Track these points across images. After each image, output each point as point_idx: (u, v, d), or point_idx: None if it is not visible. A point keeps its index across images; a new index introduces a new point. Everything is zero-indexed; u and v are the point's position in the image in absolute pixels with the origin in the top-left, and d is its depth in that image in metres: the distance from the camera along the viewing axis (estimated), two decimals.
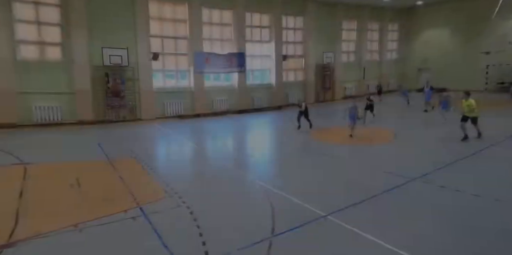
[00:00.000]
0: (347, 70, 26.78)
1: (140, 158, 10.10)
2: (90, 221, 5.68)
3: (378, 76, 29.43)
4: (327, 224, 5.67)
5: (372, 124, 14.98)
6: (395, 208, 6.28)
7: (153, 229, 5.49)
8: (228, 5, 20.06)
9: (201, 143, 13.29)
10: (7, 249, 4.80)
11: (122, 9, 16.80)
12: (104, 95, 16.59)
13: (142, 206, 6.42)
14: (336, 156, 10.17)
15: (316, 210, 6.11)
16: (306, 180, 8.14)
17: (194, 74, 19.05)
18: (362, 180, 7.98)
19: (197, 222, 5.77)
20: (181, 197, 6.93)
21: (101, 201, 6.69)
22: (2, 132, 13.85)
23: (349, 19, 26.87)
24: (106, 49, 16.10)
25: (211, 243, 5.04)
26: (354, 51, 27.90)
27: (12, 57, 14.59)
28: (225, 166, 9.47)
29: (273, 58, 22.44)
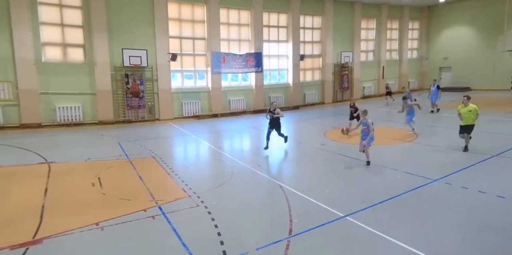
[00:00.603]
0: (365, 70, 26.43)
1: (158, 157, 10.25)
2: (111, 220, 5.79)
3: (397, 75, 28.97)
4: (346, 225, 5.60)
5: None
6: (415, 210, 6.14)
7: (172, 228, 5.55)
8: (246, 5, 20.11)
9: (218, 143, 13.35)
10: (33, 246, 4.95)
11: (141, 11, 17.09)
12: (124, 95, 16.92)
13: (161, 205, 6.50)
14: (354, 157, 10.03)
15: (334, 210, 6.04)
16: (323, 180, 8.06)
17: (212, 75, 19.18)
18: (381, 180, 7.85)
19: (215, 221, 5.80)
20: (199, 196, 6.99)
21: (121, 200, 6.81)
22: (28, 132, 14.32)
23: (367, 18, 26.50)
24: (126, 50, 16.40)
25: (229, 243, 5.05)
26: (372, 50, 27.49)
27: (37, 59, 15.05)
28: (242, 166, 9.48)
29: (290, 58, 22.36)
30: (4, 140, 12.51)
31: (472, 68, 26.65)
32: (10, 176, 8.38)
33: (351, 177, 8.33)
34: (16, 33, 14.44)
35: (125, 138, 13.19)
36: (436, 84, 17.25)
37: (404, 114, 12.74)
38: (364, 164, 9.04)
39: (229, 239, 5.15)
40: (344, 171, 8.84)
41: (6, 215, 6.08)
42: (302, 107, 22.48)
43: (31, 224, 5.63)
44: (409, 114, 12.54)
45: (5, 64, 14.47)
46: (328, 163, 9.70)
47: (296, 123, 17.40)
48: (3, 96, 14.65)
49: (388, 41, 28.20)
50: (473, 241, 4.94)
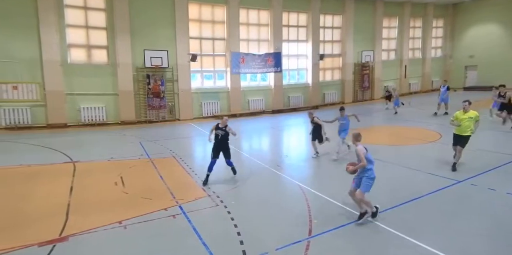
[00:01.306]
0: (387, 69, 25.94)
1: (178, 157, 10.39)
2: (133, 218, 5.91)
3: (420, 74, 28.31)
4: (367, 226, 5.52)
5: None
6: (440, 211, 5.99)
7: (192, 227, 5.61)
8: (266, 5, 20.12)
9: (237, 143, 13.40)
10: (60, 243, 5.11)
11: (163, 12, 17.36)
12: (145, 96, 17.23)
13: (182, 205, 6.59)
14: (375, 157, 9.83)
15: (355, 211, 5.96)
16: (343, 181, 7.93)
17: (231, 75, 19.28)
18: (403, 181, 7.70)
19: (234, 221, 5.83)
20: (219, 196, 7.04)
21: (143, 199, 6.94)
22: (54, 132, 14.81)
23: (389, 16, 25.99)
24: (147, 51, 16.70)
25: (249, 243, 5.06)
26: (394, 49, 26.94)
27: (63, 61, 15.53)
28: (261, 166, 9.48)
29: (309, 57, 22.20)
30: (32, 139, 12.97)
31: (499, 67, 25.67)
32: (38, 175, 8.68)
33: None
34: (44, 36, 14.95)
35: (147, 138, 13.44)
36: (447, 85, 16.42)
37: (356, 123, 10.89)
38: (386, 165, 8.83)
39: (248, 239, 5.17)
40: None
41: (34, 213, 6.31)
42: (321, 107, 22.28)
43: (57, 221, 5.82)
44: (344, 129, 10.14)
45: (33, 65, 15.01)
46: (347, 163, 9.56)
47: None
48: (31, 97, 15.19)
49: (410, 40, 27.56)
50: (501, 244, 4.78)
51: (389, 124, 15.37)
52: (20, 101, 15.00)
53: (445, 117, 15.57)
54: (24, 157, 10.33)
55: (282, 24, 20.86)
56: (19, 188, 7.68)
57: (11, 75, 14.51)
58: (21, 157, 10.38)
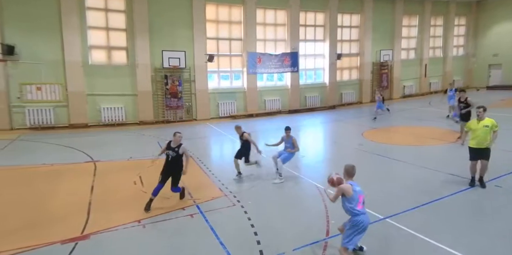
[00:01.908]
0: (406, 68, 25.44)
1: (196, 157, 10.47)
2: (151, 217, 6.01)
3: (441, 73, 27.66)
4: (386, 227, 5.44)
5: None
6: (462, 212, 5.84)
7: (210, 227, 5.65)
8: (283, 5, 20.06)
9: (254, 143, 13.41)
10: (82, 241, 5.24)
11: (181, 14, 17.55)
12: (163, 96, 17.47)
13: (199, 204, 6.64)
14: (394, 157, 9.70)
15: (373, 212, 5.88)
16: (361, 181, 7.77)
17: (248, 75, 19.33)
18: (423, 182, 7.54)
19: (251, 221, 5.84)
20: (236, 196, 7.07)
21: (161, 198, 7.02)
22: (76, 132, 15.19)
23: (409, 15, 25.48)
24: (165, 52, 16.92)
25: (266, 243, 5.06)
26: (414, 48, 26.40)
27: (84, 62, 15.92)
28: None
29: (326, 57, 22.02)
30: (55, 139, 13.35)
31: None
32: (60, 174, 8.92)
33: (391, 178, 8.07)
34: (66, 38, 15.37)
35: (164, 138, 13.58)
36: (454, 88, 15.78)
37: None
38: (405, 165, 8.67)
39: (265, 239, 5.17)
40: (383, 172, 8.58)
41: (57, 211, 6.49)
42: (338, 107, 22.06)
43: (79, 220, 5.97)
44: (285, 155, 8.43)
45: (56, 67, 15.44)
46: (366, 163, 9.44)
47: (332, 123, 17.12)
48: (54, 98, 15.64)
49: (431, 38, 26.94)
50: None
51: (408, 124, 15.07)
52: (44, 102, 15.47)
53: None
54: (47, 157, 10.63)
55: (299, 24, 20.75)
56: (43, 186, 7.92)
57: (36, 76, 14.97)
58: (44, 156, 10.69)
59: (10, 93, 14.98)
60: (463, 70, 28.92)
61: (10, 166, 9.64)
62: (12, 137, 13.55)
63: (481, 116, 6.98)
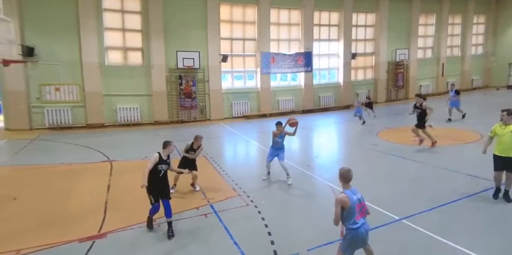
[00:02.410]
0: (422, 67, 24.99)
1: (209, 157, 10.54)
2: None
3: (459, 72, 27.06)
4: (402, 228, 5.37)
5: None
6: (482, 214, 5.71)
7: (224, 226, 5.67)
8: (297, 4, 19.98)
9: (268, 143, 13.37)
10: (99, 240, 5.34)
11: (195, 14, 17.67)
12: (177, 96, 17.63)
13: (213, 204, 6.68)
14: (410, 158, 9.54)
15: (388, 213, 5.82)
16: (376, 182, 7.76)
17: (261, 75, 19.32)
18: (441, 183, 7.41)
19: (265, 221, 5.84)
20: (249, 196, 7.08)
21: (175, 198, 7.08)
22: (93, 132, 15.48)
23: (426, 13, 25.01)
24: (180, 52, 17.06)
25: (280, 243, 5.06)
26: (431, 47, 25.90)
27: (101, 63, 16.20)
28: (291, 166, 9.42)
29: (341, 56, 21.82)
30: (73, 139, 13.63)
31: None
32: (78, 173, 9.09)
33: (407, 179, 7.94)
34: (84, 39, 15.66)
35: (178, 138, 13.68)
36: (455, 89, 15.02)
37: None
38: (423, 166, 8.51)
39: (279, 239, 5.16)
40: (399, 172, 8.45)
41: (75, 210, 6.62)
42: (353, 107, 21.81)
43: (96, 219, 6.08)
44: (279, 148, 8.27)
45: (74, 68, 15.75)
46: (381, 164, 9.34)
47: (346, 123, 16.95)
48: (71, 98, 15.97)
49: (449, 37, 26.39)
50: None
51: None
52: (62, 102, 15.80)
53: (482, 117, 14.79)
54: (65, 156, 10.85)
55: (313, 24, 20.63)
56: (61, 185, 8.08)
57: (54, 77, 15.29)
58: (63, 156, 10.92)
59: (30, 94, 15.37)
60: (482, 69, 28.23)
61: (30, 165, 9.89)
62: (32, 137, 13.90)
63: (505, 120, 6.27)
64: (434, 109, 11.07)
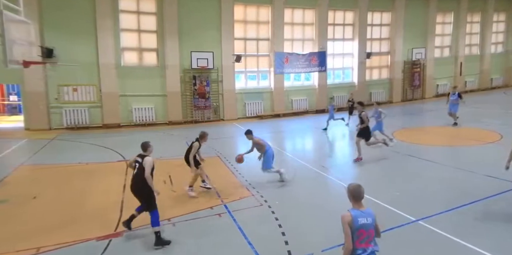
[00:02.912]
0: (440, 66, 24.50)
1: (223, 156, 10.59)
2: (181, 216, 6.13)
3: (478, 71, 26.43)
4: (418, 229, 5.29)
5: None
6: (502, 216, 5.55)
7: (238, 226, 5.69)
8: (311, 4, 19.87)
9: (281, 143, 13.38)
10: (115, 238, 5.43)
11: (209, 15, 17.77)
12: (191, 96, 17.76)
13: (227, 204, 6.71)
14: (427, 158, 9.37)
15: (405, 214, 5.74)
16: (392, 182, 7.66)
17: (275, 75, 19.29)
18: (458, 183, 7.27)
19: (279, 221, 5.83)
20: (263, 196, 7.08)
21: (190, 198, 7.15)
22: (109, 132, 15.74)
23: (444, 12, 24.52)
24: (194, 53, 17.19)
25: (294, 243, 5.04)
26: (449, 46, 25.38)
27: (117, 63, 16.47)
28: (304, 166, 9.39)
29: (355, 56, 21.60)
30: (90, 139, 13.89)
31: None
32: (95, 173, 9.26)
33: (424, 179, 7.81)
34: (100, 40, 15.96)
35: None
36: (457, 92, 13.91)
37: None
38: (440, 166, 8.31)
39: (293, 239, 5.14)
40: (415, 173, 8.31)
41: (92, 209, 6.75)
42: (368, 106, 21.48)
43: (112, 218, 6.18)
44: (267, 161, 8.01)
45: (91, 68, 16.06)
46: (397, 164, 9.21)
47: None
48: (89, 99, 16.29)
49: (467, 35, 25.81)
50: None
51: (441, 124, 14.50)
52: (79, 103, 16.13)
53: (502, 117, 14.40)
54: (83, 156, 11.06)
55: (328, 23, 20.48)
56: (78, 185, 8.25)
57: (72, 78, 15.62)
58: (80, 155, 11.14)
59: (49, 94, 15.73)
60: (502, 68, 27.48)
61: (49, 164, 10.13)
62: (51, 137, 14.23)
63: None
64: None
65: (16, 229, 5.78)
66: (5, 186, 8.14)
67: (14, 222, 6.10)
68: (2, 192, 7.70)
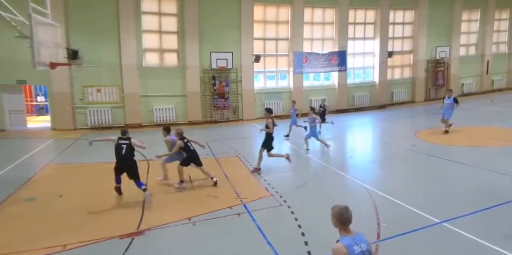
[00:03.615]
0: (465, 65, 23.75)
1: (242, 156, 10.61)
2: (201, 215, 6.16)
3: (506, 70, 25.48)
4: (443, 232, 5.14)
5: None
6: None
7: (257, 226, 5.68)
8: (332, 3, 19.67)
9: (300, 143, 13.28)
10: (137, 237, 5.53)
11: (229, 16, 17.87)
12: (211, 97, 17.91)
13: (246, 203, 6.71)
14: (452, 159, 9.09)
15: (428, 216, 5.60)
16: (415, 183, 7.47)
17: (294, 74, 19.21)
18: (486, 185, 7.02)
19: (298, 221, 5.79)
20: (282, 196, 7.05)
21: (209, 197, 7.20)
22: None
23: (470, 9, 23.75)
24: (213, 53, 17.33)
25: (314, 244, 4.99)
26: (475, 44, 24.57)
27: (138, 64, 16.80)
28: (324, 166, 9.29)
29: (377, 55, 21.23)
30: None
31: None
32: None
33: (448, 181, 7.59)
34: (123, 41, 16.32)
35: (212, 138, 13.94)
36: (453, 97, 12.60)
37: None
38: (467, 167, 8.04)
39: (313, 240, 5.10)
40: (440, 174, 8.09)
41: (115, 207, 6.89)
42: (389, 106, 21.16)
43: (135, 217, 6.29)
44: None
45: (114, 69, 16.44)
46: (420, 165, 8.98)
47: (382, 123, 16.47)
48: (111, 99, 16.68)
49: (495, 33, 24.91)
50: None
51: (466, 124, 14.07)
52: (103, 103, 16.54)
53: None
54: (106, 155, 11.25)
55: (348, 22, 20.22)
56: (102, 183, 8.39)
57: (96, 79, 16.05)
58: (103, 155, 11.32)
59: (74, 95, 16.21)
60: None
61: (74, 163, 10.43)
62: (75, 137, 14.64)
63: None
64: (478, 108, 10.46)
65: (43, 226, 5.96)
66: (33, 185, 8.42)
67: (41, 220, 6.29)
68: (30, 190, 7.97)
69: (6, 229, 5.92)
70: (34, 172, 9.33)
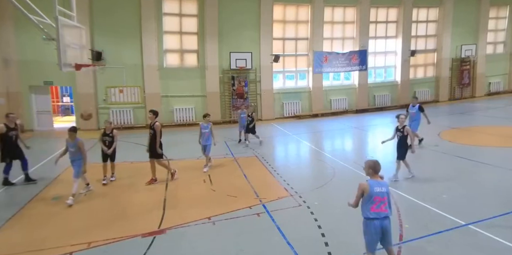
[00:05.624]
0: (492, 63, 22.95)
1: (261, 156, 10.61)
2: (220, 215, 6.21)
3: None
4: (469, 234, 4.99)
5: None
6: None
7: (276, 226, 5.67)
8: (352, 2, 19.41)
9: (319, 143, 13.18)
10: (159, 235, 5.62)
11: (249, 15, 17.91)
12: (230, 97, 18.00)
13: (265, 204, 6.71)
14: (478, 160, 8.80)
15: (453, 218, 5.45)
16: (439, 184, 7.27)
17: (313, 74, 19.05)
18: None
19: (318, 222, 5.75)
20: (301, 196, 7.01)
21: (229, 197, 7.23)
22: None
23: (498, 6, 22.92)
24: (233, 53, 17.40)
25: (334, 245, 4.95)
26: (503, 42, 23.69)
27: (159, 65, 17.08)
28: (344, 166, 9.18)
29: (399, 54, 20.79)
30: (134, 138, 14.46)
31: None
32: (139, 171, 9.55)
33: (475, 182, 7.35)
34: (145, 42, 16.62)
35: (231, 138, 14.01)
36: (418, 104, 10.97)
37: None
38: (494, 168, 7.75)
39: (333, 241, 5.05)
40: (466, 175, 7.84)
41: (137, 206, 7.00)
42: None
43: (156, 216, 6.38)
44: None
45: (136, 70, 16.78)
46: (444, 165, 8.74)
47: None
48: (133, 99, 17.03)
49: None
50: None
51: (493, 123, 13.58)
52: (125, 103, 16.90)
53: None
54: (128, 155, 11.52)
55: (370, 21, 19.89)
56: (124, 183, 8.61)
57: (119, 80, 16.42)
58: (126, 154, 11.58)
59: (98, 96, 16.64)
60: None
61: (98, 163, 10.65)
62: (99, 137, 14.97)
63: None
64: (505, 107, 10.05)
65: (69, 225, 6.14)
66: (59, 184, 8.67)
67: (67, 218, 6.48)
68: (56, 189, 8.21)
69: (36, 226, 6.13)
70: (59, 172, 9.61)
